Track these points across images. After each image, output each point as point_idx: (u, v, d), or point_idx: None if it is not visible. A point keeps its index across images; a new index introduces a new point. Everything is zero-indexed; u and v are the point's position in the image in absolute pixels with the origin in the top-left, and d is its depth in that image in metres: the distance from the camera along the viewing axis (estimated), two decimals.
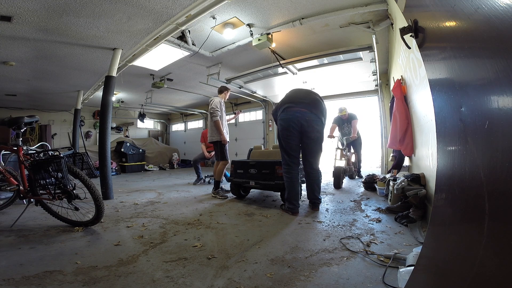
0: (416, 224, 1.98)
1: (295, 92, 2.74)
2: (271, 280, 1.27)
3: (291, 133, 2.49)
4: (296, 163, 2.53)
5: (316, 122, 2.48)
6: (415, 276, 0.88)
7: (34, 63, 4.24)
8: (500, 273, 0.44)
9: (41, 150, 2.31)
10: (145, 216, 2.50)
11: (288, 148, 2.52)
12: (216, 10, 2.74)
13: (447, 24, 0.64)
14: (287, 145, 2.53)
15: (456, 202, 0.66)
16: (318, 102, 2.58)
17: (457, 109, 0.61)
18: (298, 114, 2.46)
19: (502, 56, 0.43)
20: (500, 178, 0.44)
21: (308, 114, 2.46)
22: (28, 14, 2.74)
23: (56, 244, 1.75)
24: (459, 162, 0.63)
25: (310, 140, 2.50)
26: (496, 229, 0.46)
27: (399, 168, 3.36)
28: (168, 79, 5.56)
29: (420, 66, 2.10)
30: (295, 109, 2.49)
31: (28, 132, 7.10)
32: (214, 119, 3.37)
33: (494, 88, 0.46)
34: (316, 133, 2.49)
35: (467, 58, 0.56)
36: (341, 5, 2.84)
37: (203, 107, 8.99)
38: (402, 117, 2.83)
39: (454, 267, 0.63)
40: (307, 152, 2.55)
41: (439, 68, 0.75)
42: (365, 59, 4.41)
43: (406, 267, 1.19)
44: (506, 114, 0.42)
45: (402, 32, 0.88)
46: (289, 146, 2.52)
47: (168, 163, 8.93)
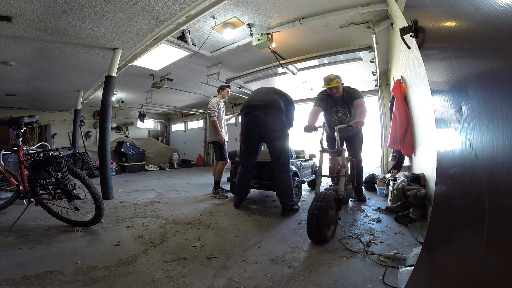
0: (416, 224, 1.98)
1: (254, 94, 2.85)
2: (271, 280, 1.27)
3: (249, 138, 2.65)
4: (248, 165, 2.72)
5: (273, 123, 2.52)
6: (415, 276, 0.88)
7: (34, 63, 4.24)
8: (500, 273, 0.44)
9: (41, 150, 2.31)
10: (145, 216, 2.50)
11: (245, 151, 2.71)
12: (216, 10, 2.74)
13: (447, 24, 0.64)
14: (244, 148, 2.72)
15: (456, 202, 0.66)
16: (276, 101, 2.61)
17: (457, 109, 0.61)
18: (254, 119, 2.57)
19: (502, 56, 0.43)
20: (500, 178, 0.44)
21: (263, 117, 2.53)
22: (28, 14, 2.74)
23: (56, 244, 1.75)
24: (459, 162, 0.63)
25: (270, 142, 2.56)
26: (496, 229, 0.46)
27: (399, 168, 3.36)
28: (168, 79, 5.55)
29: (420, 66, 2.10)
30: (251, 114, 2.60)
31: (28, 132, 7.10)
32: (211, 119, 3.39)
33: (494, 88, 0.46)
34: (274, 133, 2.52)
35: (467, 58, 0.56)
36: (341, 5, 2.84)
37: (203, 107, 8.98)
38: (402, 117, 2.83)
39: (454, 267, 0.63)
40: (271, 154, 2.61)
41: (439, 68, 0.75)
42: (365, 59, 4.41)
43: (406, 267, 1.19)
44: (506, 114, 0.42)
45: (402, 32, 0.88)
46: (247, 149, 2.70)
47: (168, 163, 8.92)
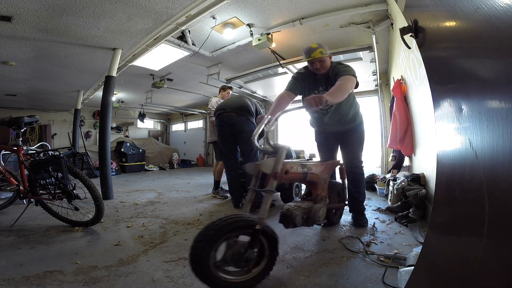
0: (416, 224, 1.98)
1: (228, 99, 3.09)
2: (271, 280, 1.27)
3: (225, 138, 2.75)
4: (232, 163, 2.81)
5: (244, 123, 2.66)
6: (415, 276, 0.87)
7: (34, 63, 4.24)
8: (500, 273, 0.44)
9: (41, 150, 2.31)
10: (145, 216, 2.50)
11: (226, 152, 2.81)
12: (216, 10, 2.74)
13: (447, 24, 0.64)
14: (223, 148, 2.82)
15: (456, 202, 0.66)
16: (246, 105, 2.78)
17: (457, 109, 0.61)
18: (226, 119, 2.69)
19: (502, 56, 0.43)
20: (500, 178, 0.44)
21: (235, 118, 2.67)
22: (28, 14, 2.74)
23: (56, 244, 1.75)
24: (459, 162, 0.63)
25: (241, 141, 2.70)
26: (496, 229, 0.46)
27: (399, 168, 3.36)
28: (168, 79, 5.55)
29: (420, 66, 2.11)
30: (224, 115, 2.72)
31: (28, 132, 7.10)
32: (211, 119, 3.41)
33: (494, 88, 0.46)
34: (244, 134, 2.63)
35: (467, 58, 0.56)
36: (341, 5, 2.84)
37: (203, 107, 8.98)
38: (402, 117, 2.83)
39: (454, 267, 0.63)
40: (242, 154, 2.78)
41: (439, 68, 0.75)
42: (365, 59, 4.41)
43: (406, 267, 1.19)
44: (506, 114, 0.42)
45: (402, 32, 0.88)
46: (225, 149, 2.80)
47: (168, 163, 8.92)
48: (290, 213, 1.42)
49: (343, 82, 1.68)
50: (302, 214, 1.46)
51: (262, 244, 1.15)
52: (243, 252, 1.09)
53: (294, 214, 1.42)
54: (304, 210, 1.49)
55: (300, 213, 1.45)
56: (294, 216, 1.41)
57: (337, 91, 1.58)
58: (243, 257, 1.09)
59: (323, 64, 1.89)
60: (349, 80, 1.71)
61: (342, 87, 1.62)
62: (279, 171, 1.29)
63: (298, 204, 1.55)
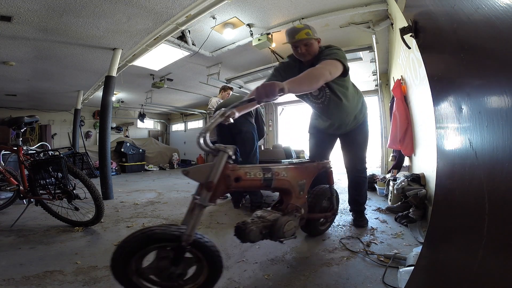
0: (416, 224, 1.98)
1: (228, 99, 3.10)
2: (271, 280, 1.27)
3: (223, 137, 2.73)
4: None
5: (242, 123, 2.64)
6: (415, 276, 0.87)
7: (34, 63, 4.24)
8: (500, 273, 0.44)
9: (41, 150, 2.31)
10: (145, 216, 2.50)
11: None
12: (216, 10, 2.74)
13: (447, 24, 0.64)
14: None
15: (456, 202, 0.66)
16: None
17: (457, 109, 0.61)
18: None
19: (502, 56, 0.43)
20: (500, 178, 0.44)
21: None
22: (28, 14, 2.74)
23: (56, 244, 1.75)
24: (459, 162, 0.63)
25: (240, 140, 2.67)
26: (496, 229, 0.46)
27: (399, 168, 3.36)
28: (168, 79, 5.55)
29: (420, 66, 2.10)
30: None
31: (28, 132, 7.10)
32: (210, 119, 3.41)
33: (494, 88, 0.46)
34: (244, 133, 2.63)
35: (467, 58, 0.56)
36: (341, 5, 2.84)
37: (203, 107, 8.98)
38: (402, 117, 2.83)
39: (454, 267, 0.63)
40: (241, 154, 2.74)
41: (439, 68, 0.75)
42: (365, 59, 4.40)
43: (406, 267, 1.19)
44: (506, 114, 0.42)
45: (402, 32, 0.88)
46: None
47: (168, 163, 8.92)
48: (244, 227, 1.19)
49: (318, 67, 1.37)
50: (261, 229, 1.22)
51: (199, 259, 1.03)
52: (167, 267, 0.97)
53: (249, 229, 1.18)
54: (265, 223, 1.25)
55: (258, 227, 1.21)
56: (249, 231, 1.17)
57: (304, 77, 1.28)
58: (167, 272, 0.97)
59: (310, 48, 1.60)
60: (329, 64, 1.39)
61: (312, 73, 1.32)
62: (214, 180, 1.02)
63: (264, 215, 1.34)
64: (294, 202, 1.41)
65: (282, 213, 1.35)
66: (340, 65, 1.46)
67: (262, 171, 1.26)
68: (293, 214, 1.39)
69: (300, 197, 1.44)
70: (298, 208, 1.42)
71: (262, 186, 1.28)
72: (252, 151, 2.65)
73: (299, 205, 1.42)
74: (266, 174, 1.26)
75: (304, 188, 1.47)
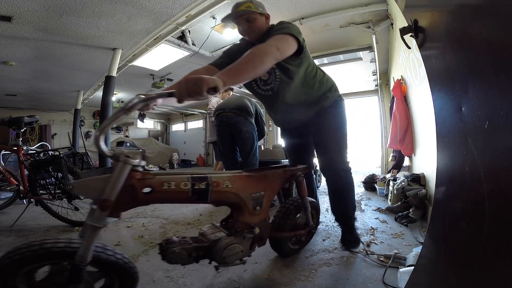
0: (416, 224, 1.98)
1: (227, 99, 3.08)
2: (271, 280, 1.27)
3: (223, 138, 2.75)
4: (231, 163, 2.80)
5: (242, 123, 2.66)
6: (415, 276, 0.88)
7: (34, 63, 4.24)
8: (500, 273, 0.44)
9: (41, 150, 2.31)
10: (145, 216, 2.50)
11: (225, 152, 2.81)
12: (216, 10, 2.74)
13: (447, 24, 0.64)
14: (222, 148, 2.81)
15: (456, 202, 0.66)
16: (245, 105, 2.77)
17: (457, 109, 0.61)
18: (224, 119, 2.70)
19: (502, 56, 0.43)
20: (500, 178, 0.44)
21: (233, 118, 2.67)
22: (28, 14, 2.74)
23: None
24: (459, 162, 0.63)
25: (239, 141, 2.69)
26: (496, 229, 0.46)
27: (399, 168, 3.36)
28: (168, 79, 5.56)
29: (420, 66, 2.10)
30: (222, 115, 2.73)
31: (28, 132, 7.10)
32: (211, 119, 3.42)
33: (494, 88, 0.46)
34: (244, 134, 2.64)
35: (467, 58, 0.56)
36: (341, 5, 2.84)
37: (203, 107, 8.98)
38: (402, 117, 2.83)
39: (454, 267, 0.63)
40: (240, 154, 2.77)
41: (439, 68, 0.75)
42: (365, 59, 4.41)
43: (406, 267, 1.19)
44: (506, 114, 0.42)
45: (402, 32, 0.88)
46: (224, 149, 2.79)
47: (168, 163, 8.92)
48: (166, 247, 0.98)
49: (261, 45, 1.09)
50: (192, 251, 1.00)
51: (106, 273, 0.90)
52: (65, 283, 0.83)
53: (171, 250, 0.97)
54: (199, 245, 1.03)
55: (186, 249, 0.99)
56: (170, 252, 0.97)
57: (245, 61, 0.99)
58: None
59: (253, 24, 1.34)
60: (277, 40, 1.13)
61: (254, 53, 1.02)
62: (111, 197, 0.81)
63: (207, 232, 1.12)
64: (246, 219, 1.14)
65: (228, 233, 1.10)
66: (293, 40, 1.19)
67: (191, 181, 0.98)
68: (242, 235, 1.11)
69: (255, 213, 1.17)
70: (251, 228, 1.14)
71: (191, 200, 1.00)
72: (252, 151, 2.65)
73: (253, 223, 1.14)
74: (197, 185, 0.99)
75: (262, 202, 1.19)
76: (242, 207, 1.13)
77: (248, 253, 1.15)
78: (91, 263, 0.82)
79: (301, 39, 1.26)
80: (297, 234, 1.46)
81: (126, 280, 0.92)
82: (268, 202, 1.23)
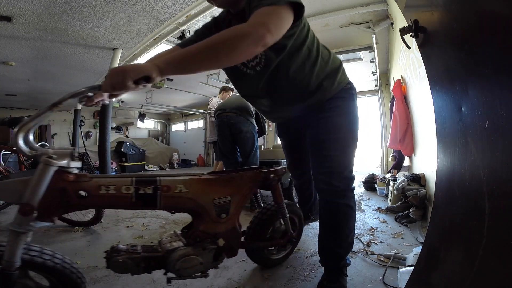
0: (416, 224, 1.98)
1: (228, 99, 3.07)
2: (271, 280, 1.27)
3: (224, 138, 2.76)
4: (231, 163, 2.81)
5: (242, 123, 2.66)
6: (415, 276, 0.87)
7: (34, 63, 4.24)
8: (500, 273, 0.44)
9: None
10: (145, 216, 2.50)
11: (225, 152, 2.81)
12: (216, 10, 2.73)
13: (447, 24, 0.64)
14: (223, 148, 2.81)
15: (456, 202, 0.66)
16: (245, 105, 2.76)
17: (457, 109, 0.61)
18: (225, 119, 2.72)
19: (502, 56, 0.43)
20: (500, 178, 0.44)
21: (234, 118, 2.69)
22: (28, 14, 2.74)
23: (56, 244, 1.75)
24: (459, 162, 0.63)
25: (239, 141, 2.70)
26: (496, 229, 0.46)
27: (399, 168, 3.37)
28: (168, 79, 5.56)
29: (420, 66, 2.11)
30: (223, 115, 2.75)
31: None
32: (211, 119, 3.43)
33: (494, 88, 0.46)
34: (244, 133, 2.64)
35: (467, 58, 0.56)
36: (341, 5, 2.84)
37: (203, 107, 8.98)
38: (402, 117, 2.83)
39: (454, 267, 0.63)
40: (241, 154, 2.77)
41: (439, 68, 0.75)
42: (365, 59, 4.41)
43: (406, 267, 1.19)
44: (506, 114, 0.42)
45: (402, 32, 0.88)
46: (225, 148, 2.79)
47: (168, 163, 8.93)
48: (111, 256, 0.92)
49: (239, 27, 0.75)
50: (140, 261, 0.93)
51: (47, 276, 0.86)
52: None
53: (114, 259, 0.90)
54: (150, 254, 0.96)
55: (134, 259, 0.92)
56: (113, 261, 0.91)
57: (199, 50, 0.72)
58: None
59: None
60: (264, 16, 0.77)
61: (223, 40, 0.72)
62: (33, 202, 0.74)
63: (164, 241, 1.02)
64: (208, 228, 1.01)
65: (186, 242, 0.99)
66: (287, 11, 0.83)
67: (134, 185, 0.88)
68: (203, 245, 0.99)
69: (220, 221, 1.03)
70: (213, 238, 1.01)
71: (136, 206, 0.90)
72: (252, 151, 2.66)
73: (217, 232, 1.02)
74: (142, 189, 0.88)
75: (228, 209, 1.04)
76: (202, 214, 1.01)
77: (212, 266, 1.03)
78: (27, 267, 0.79)
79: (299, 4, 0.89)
80: (275, 244, 1.34)
81: (67, 284, 0.88)
82: (238, 209, 1.09)
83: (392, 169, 3.48)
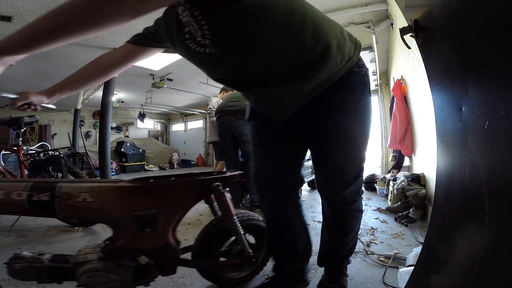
0: (416, 224, 1.98)
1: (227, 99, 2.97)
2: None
3: (226, 141, 2.79)
4: (232, 163, 2.84)
5: (243, 126, 2.67)
6: (415, 276, 0.88)
7: (34, 63, 4.24)
8: (500, 274, 0.44)
9: (41, 150, 2.31)
10: None
11: (226, 152, 2.84)
12: None
13: (447, 24, 0.64)
14: (225, 149, 2.85)
15: (456, 202, 0.66)
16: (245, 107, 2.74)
17: (457, 109, 0.61)
18: (226, 123, 2.75)
19: (502, 56, 0.43)
20: (500, 178, 0.44)
21: (234, 121, 2.71)
22: (28, 14, 2.74)
23: (56, 244, 1.75)
24: (459, 162, 0.63)
25: (242, 143, 2.71)
26: (496, 229, 0.46)
27: (399, 168, 3.37)
28: (168, 79, 5.56)
29: (420, 66, 2.11)
30: (223, 118, 2.77)
31: (28, 132, 7.10)
32: (211, 119, 3.43)
33: (494, 88, 0.46)
34: (244, 137, 2.66)
35: (467, 58, 0.56)
36: (341, 5, 2.84)
37: (203, 107, 8.98)
38: (402, 117, 2.83)
39: (454, 267, 0.63)
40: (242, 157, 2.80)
41: (439, 68, 0.75)
42: (365, 59, 4.38)
43: (406, 267, 1.19)
44: (506, 114, 0.42)
45: (402, 32, 0.88)
46: (227, 150, 2.82)
47: (168, 163, 8.93)
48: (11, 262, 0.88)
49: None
50: (43, 270, 0.87)
51: None
52: None
53: (12, 266, 0.86)
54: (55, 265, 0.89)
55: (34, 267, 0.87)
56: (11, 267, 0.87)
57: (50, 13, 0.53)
58: None
59: None
60: None
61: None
62: None
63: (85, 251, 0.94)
64: (128, 243, 0.92)
65: (102, 256, 0.90)
66: None
67: (28, 191, 0.80)
68: (117, 262, 0.89)
69: (144, 236, 0.91)
70: (132, 254, 0.90)
71: (31, 213, 0.83)
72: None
73: (141, 249, 0.91)
74: (37, 196, 0.81)
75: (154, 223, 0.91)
76: (119, 228, 0.92)
77: (133, 284, 0.91)
78: None
79: None
80: (227, 265, 1.13)
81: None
82: (170, 223, 0.94)
83: (392, 169, 3.48)
